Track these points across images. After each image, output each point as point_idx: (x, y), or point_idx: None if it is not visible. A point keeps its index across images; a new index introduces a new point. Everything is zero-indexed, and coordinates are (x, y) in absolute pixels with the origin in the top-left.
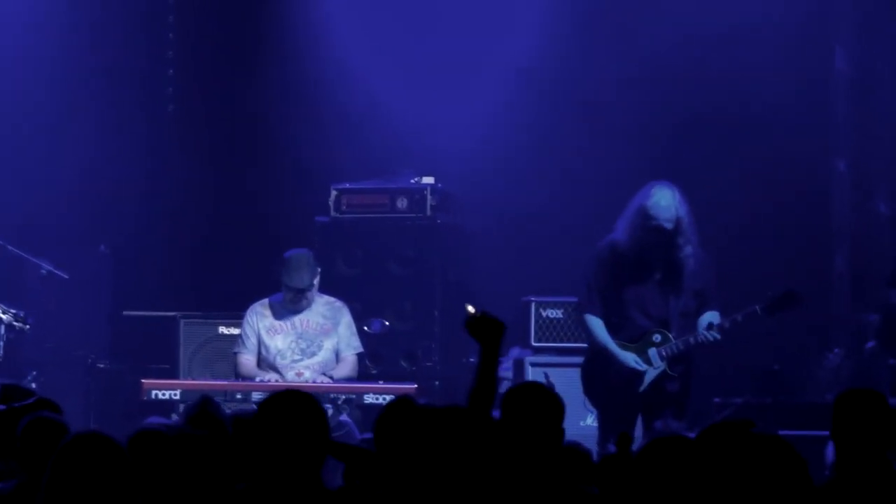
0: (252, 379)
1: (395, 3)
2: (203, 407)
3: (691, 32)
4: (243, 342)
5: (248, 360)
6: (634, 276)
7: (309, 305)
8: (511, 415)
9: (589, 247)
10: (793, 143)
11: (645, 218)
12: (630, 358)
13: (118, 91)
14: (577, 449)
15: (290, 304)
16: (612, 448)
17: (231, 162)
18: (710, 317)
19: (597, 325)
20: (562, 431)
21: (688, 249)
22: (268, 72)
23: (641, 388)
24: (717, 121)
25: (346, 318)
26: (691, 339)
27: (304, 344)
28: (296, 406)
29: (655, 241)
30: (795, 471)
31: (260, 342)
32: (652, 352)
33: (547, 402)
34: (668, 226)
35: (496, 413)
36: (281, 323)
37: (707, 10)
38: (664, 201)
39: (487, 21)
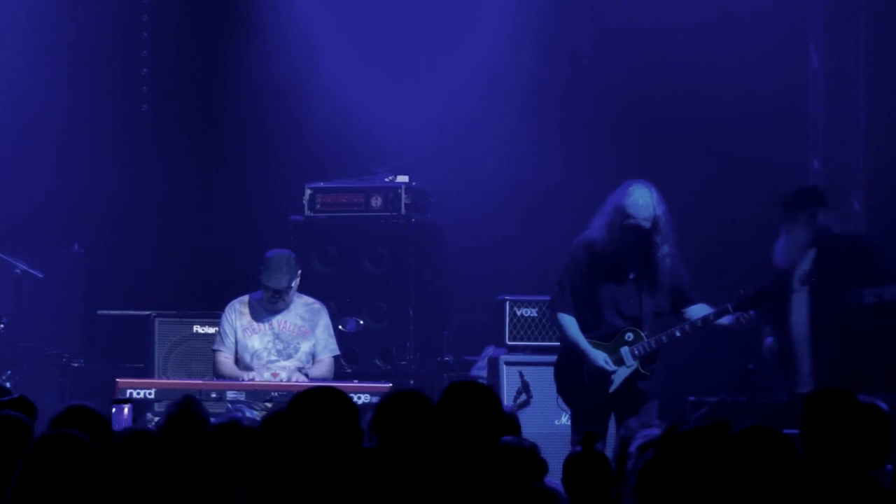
0: (233, 379)
1: (368, 2)
2: (184, 406)
3: (666, 32)
4: (222, 339)
5: (226, 357)
6: (609, 274)
7: (287, 306)
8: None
9: (564, 245)
10: (768, 142)
11: (622, 216)
12: (601, 357)
13: (92, 90)
14: (522, 447)
15: (268, 304)
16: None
17: (205, 161)
18: (701, 309)
19: (570, 323)
20: (500, 427)
21: (665, 248)
22: (242, 71)
23: (612, 388)
24: (692, 120)
25: (325, 321)
26: (664, 338)
27: (280, 345)
28: (329, 403)
29: (632, 240)
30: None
31: (236, 340)
32: (624, 350)
33: (483, 397)
34: (646, 224)
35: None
36: (259, 323)
37: (681, 10)
38: (642, 200)
39: (460, 19)
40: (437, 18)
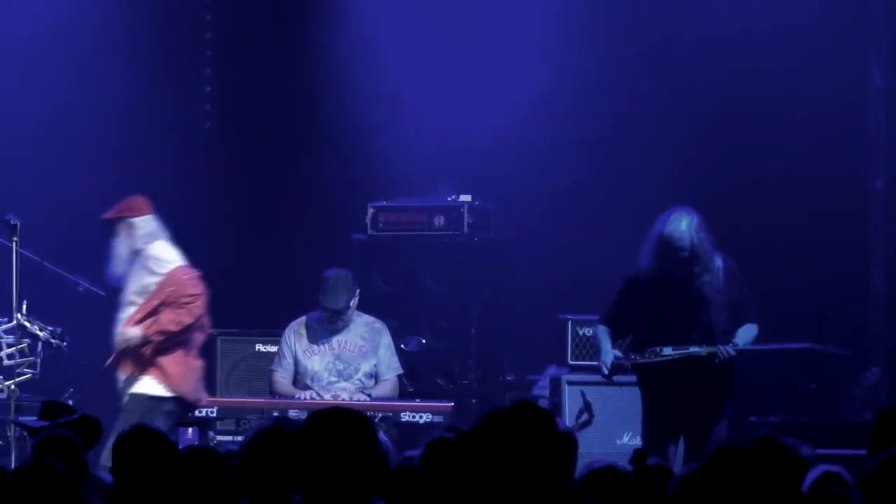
0: (290, 397)
1: (435, 19)
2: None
3: (724, 48)
4: (279, 361)
5: (282, 378)
6: (663, 298)
7: (346, 326)
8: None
9: (626, 264)
10: (830, 161)
11: (663, 247)
12: (610, 355)
13: (155, 109)
14: (614, 469)
15: (327, 324)
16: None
17: (268, 180)
18: (745, 332)
19: (601, 330)
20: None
21: (705, 277)
22: (305, 91)
23: (681, 352)
24: (751, 137)
25: (387, 340)
26: (731, 350)
27: (341, 366)
28: (343, 424)
29: (674, 269)
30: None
31: (297, 362)
32: (693, 348)
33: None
34: (684, 255)
35: None
36: (318, 344)
37: (741, 26)
38: (677, 232)
39: (523, 37)
40: (500, 36)
